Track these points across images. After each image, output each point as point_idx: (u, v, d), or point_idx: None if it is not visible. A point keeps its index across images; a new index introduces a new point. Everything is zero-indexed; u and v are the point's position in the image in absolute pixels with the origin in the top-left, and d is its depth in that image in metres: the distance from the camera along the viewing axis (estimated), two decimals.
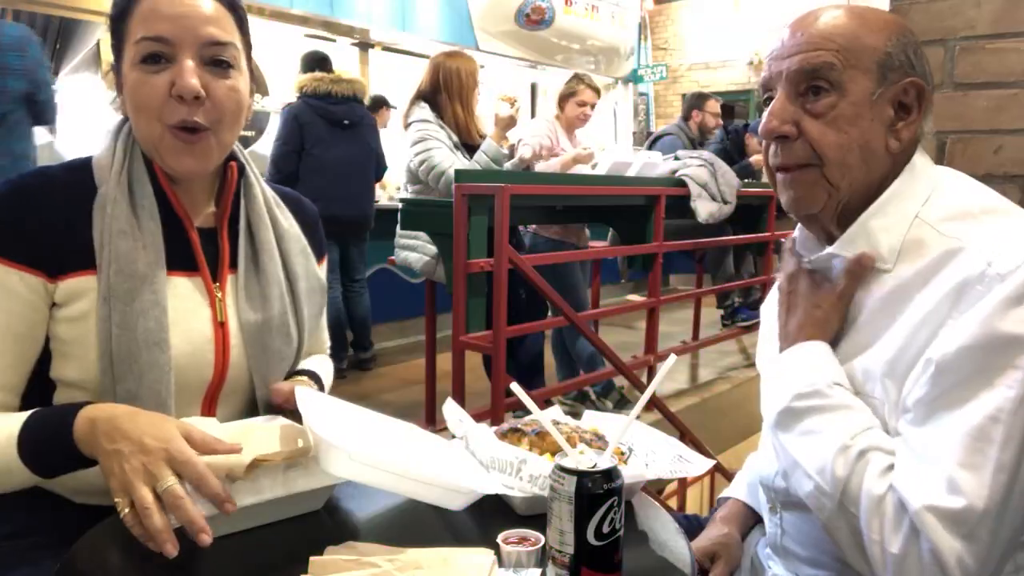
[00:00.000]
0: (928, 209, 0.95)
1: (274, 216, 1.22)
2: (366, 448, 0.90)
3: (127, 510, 0.84)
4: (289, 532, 0.93)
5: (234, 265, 1.17)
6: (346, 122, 4.15)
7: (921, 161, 0.99)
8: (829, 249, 0.99)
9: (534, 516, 0.94)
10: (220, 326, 1.12)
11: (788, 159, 0.97)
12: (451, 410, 1.19)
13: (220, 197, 1.17)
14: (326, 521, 0.98)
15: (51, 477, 0.98)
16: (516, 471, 0.99)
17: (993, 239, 0.87)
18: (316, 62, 4.34)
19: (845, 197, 0.97)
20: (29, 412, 0.99)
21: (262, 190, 1.22)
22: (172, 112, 1.04)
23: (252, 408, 1.18)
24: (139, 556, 0.84)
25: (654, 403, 3.30)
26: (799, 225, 1.08)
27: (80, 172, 1.10)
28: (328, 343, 1.41)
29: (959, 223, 0.92)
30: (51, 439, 0.95)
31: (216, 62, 1.07)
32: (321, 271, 1.32)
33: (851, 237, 0.97)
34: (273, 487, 0.93)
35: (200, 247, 1.14)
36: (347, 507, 1.02)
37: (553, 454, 1.01)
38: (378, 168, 4.50)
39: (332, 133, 4.11)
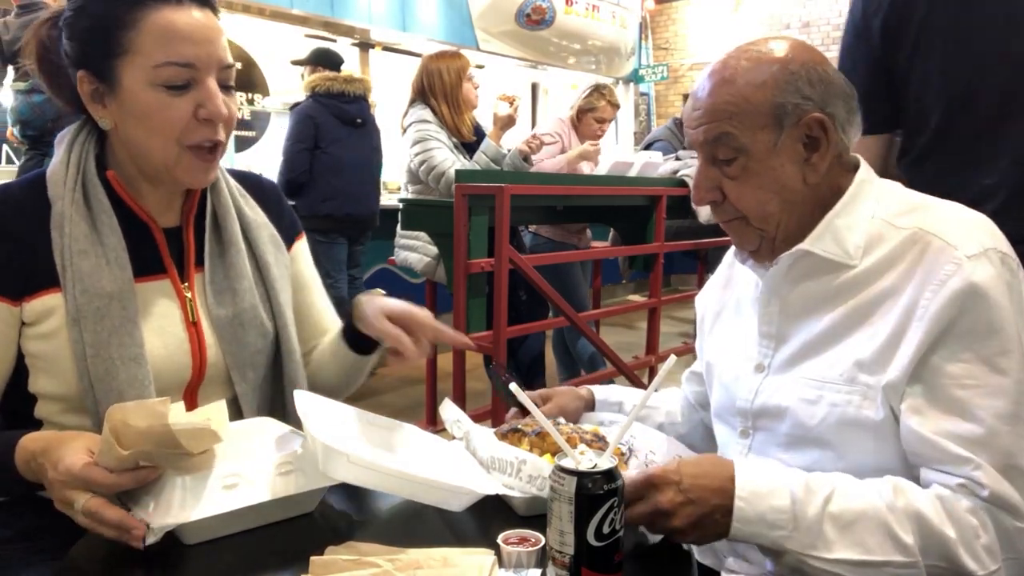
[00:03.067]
0: (881, 208, 1.04)
1: (239, 208, 1.21)
2: (365, 451, 0.91)
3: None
4: (289, 532, 0.94)
5: (200, 262, 1.16)
6: (359, 120, 4.17)
7: (867, 173, 1.08)
8: (800, 246, 1.04)
9: (534, 516, 0.95)
10: (193, 325, 1.12)
11: (719, 217, 1.10)
12: (449, 411, 1.19)
13: (187, 194, 1.17)
14: (326, 521, 0.98)
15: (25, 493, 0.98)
16: (516, 471, 0.99)
17: (947, 224, 0.98)
18: (327, 59, 4.37)
19: (776, 234, 1.06)
20: None
21: (226, 183, 1.22)
22: (194, 133, 1.05)
23: (233, 401, 1.17)
24: (138, 557, 0.84)
25: None
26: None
27: (37, 186, 1.08)
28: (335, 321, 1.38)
29: (910, 215, 1.01)
30: (2, 472, 0.95)
31: (226, 82, 1.08)
32: (300, 247, 1.32)
33: (818, 234, 1.03)
34: (265, 490, 0.93)
35: (167, 249, 1.13)
36: (348, 507, 1.02)
37: (553, 455, 1.01)
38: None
39: (346, 132, 4.13)
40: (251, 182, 1.29)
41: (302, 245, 1.34)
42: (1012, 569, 0.89)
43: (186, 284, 1.14)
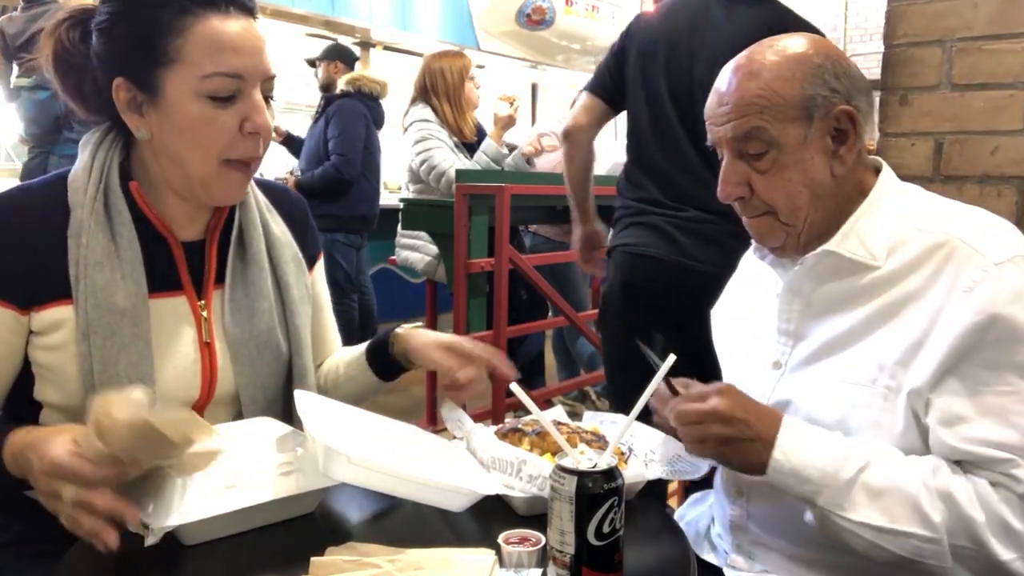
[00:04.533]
0: (905, 211, 1.03)
1: (266, 223, 1.18)
2: (366, 452, 0.91)
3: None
4: (289, 532, 0.94)
5: (220, 279, 1.12)
6: (376, 122, 4.17)
7: (890, 175, 1.08)
8: (825, 247, 1.03)
9: (535, 516, 0.95)
10: (206, 346, 1.09)
11: (747, 213, 1.08)
12: (450, 411, 1.19)
13: (216, 208, 1.13)
14: (326, 522, 0.98)
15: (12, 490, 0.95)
16: (516, 471, 0.99)
17: (974, 230, 0.97)
18: (346, 55, 4.41)
19: (803, 230, 1.05)
20: None
21: (255, 196, 1.18)
22: (238, 147, 1.03)
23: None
24: (137, 558, 0.85)
25: None
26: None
27: (57, 190, 1.05)
28: (340, 342, 1.38)
29: (936, 219, 1.01)
30: None
31: (267, 94, 1.06)
32: (319, 267, 1.30)
33: (844, 235, 1.03)
34: (265, 490, 0.93)
35: (185, 265, 1.10)
36: (348, 507, 1.02)
37: (554, 454, 1.01)
38: None
39: (375, 134, 4.14)
40: (278, 196, 1.25)
41: (320, 266, 1.31)
42: None
43: (202, 302, 1.10)
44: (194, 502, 0.87)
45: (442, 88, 3.34)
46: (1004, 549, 0.88)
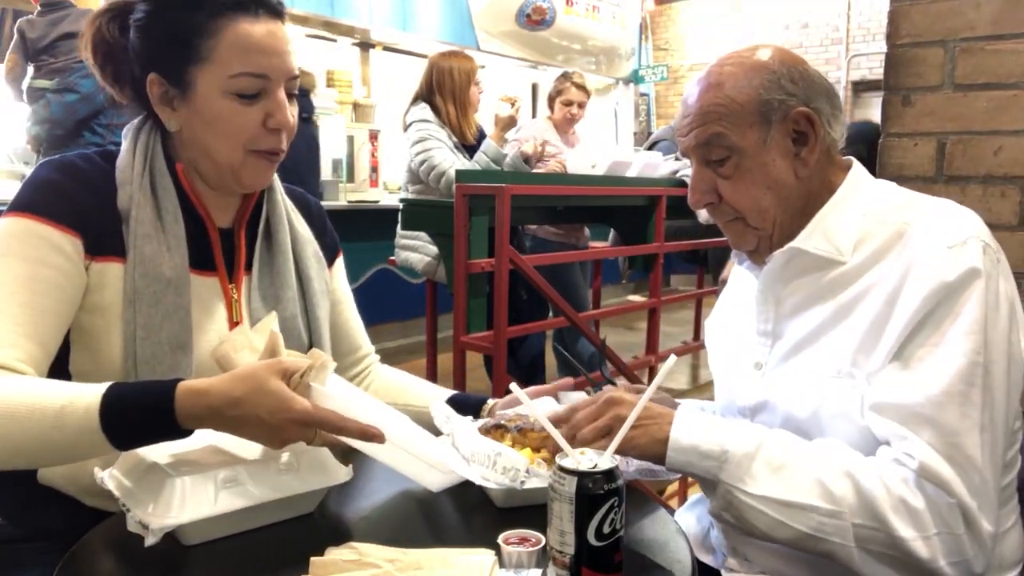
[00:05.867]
0: (873, 206, 1.06)
1: (291, 219, 1.25)
2: (359, 410, 0.91)
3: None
4: (289, 532, 0.94)
5: (249, 266, 1.18)
6: (304, 115, 4.06)
7: (861, 171, 1.11)
8: (791, 244, 1.06)
9: (535, 517, 0.94)
10: (236, 326, 1.14)
11: (718, 219, 1.13)
12: (438, 408, 1.20)
13: (244, 198, 1.19)
14: (326, 521, 0.98)
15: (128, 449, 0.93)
16: (492, 464, 0.99)
17: (931, 217, 1.00)
18: None
19: (774, 231, 1.08)
20: (103, 389, 0.89)
21: (282, 194, 1.25)
22: (262, 141, 1.09)
23: None
24: (137, 557, 0.84)
25: None
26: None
27: (106, 167, 1.10)
28: (367, 338, 1.41)
29: (899, 211, 1.03)
30: (148, 424, 0.89)
31: (291, 91, 1.11)
32: (339, 264, 1.36)
33: (810, 231, 1.06)
34: (265, 490, 0.93)
35: (219, 248, 1.15)
36: (347, 507, 1.02)
37: (535, 450, 1.04)
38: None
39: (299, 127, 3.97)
40: (299, 199, 1.32)
41: (340, 262, 1.38)
42: (946, 544, 0.89)
43: (232, 285, 1.16)
44: (194, 502, 0.87)
45: (448, 87, 3.34)
46: (904, 527, 0.89)
